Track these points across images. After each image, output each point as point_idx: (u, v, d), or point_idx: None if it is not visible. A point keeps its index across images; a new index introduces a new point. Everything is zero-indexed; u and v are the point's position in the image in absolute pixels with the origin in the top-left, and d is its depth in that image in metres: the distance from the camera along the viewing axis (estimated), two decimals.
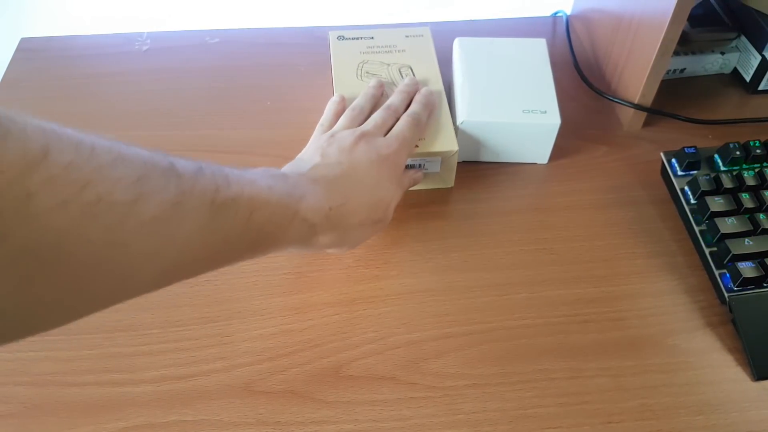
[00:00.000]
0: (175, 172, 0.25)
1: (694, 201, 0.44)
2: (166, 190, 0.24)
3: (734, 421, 0.36)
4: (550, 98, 0.47)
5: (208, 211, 0.26)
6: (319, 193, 0.35)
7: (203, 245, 0.27)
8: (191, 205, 0.25)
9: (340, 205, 0.36)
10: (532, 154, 0.49)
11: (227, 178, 0.28)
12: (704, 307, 0.41)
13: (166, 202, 0.24)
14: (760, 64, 0.53)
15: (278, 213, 0.31)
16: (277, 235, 0.32)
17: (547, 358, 0.39)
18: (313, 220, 0.34)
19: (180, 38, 0.60)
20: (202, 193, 0.26)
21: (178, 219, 0.25)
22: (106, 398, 0.37)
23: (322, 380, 0.38)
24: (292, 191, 0.33)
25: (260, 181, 0.31)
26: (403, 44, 0.52)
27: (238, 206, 0.28)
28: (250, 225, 0.29)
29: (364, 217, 0.38)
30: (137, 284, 0.25)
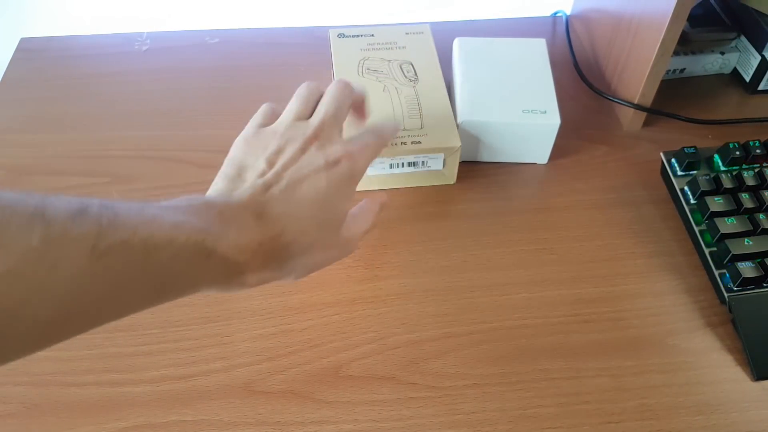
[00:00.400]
0: (42, 218, 0.22)
1: (694, 201, 0.44)
2: (28, 238, 0.21)
3: (734, 421, 0.36)
4: (550, 98, 0.47)
5: (87, 258, 0.23)
6: (248, 222, 0.30)
7: (87, 298, 0.23)
8: (63, 252, 0.22)
9: (275, 236, 0.31)
10: (532, 154, 0.49)
11: (115, 218, 0.24)
12: (704, 307, 0.41)
13: (26, 251, 0.21)
14: (760, 64, 0.53)
15: (185, 254, 0.27)
16: (187, 277, 0.28)
17: (546, 358, 0.39)
18: (238, 258, 0.29)
19: (180, 38, 0.60)
20: (79, 240, 0.23)
21: (46, 269, 0.22)
22: (106, 398, 0.37)
23: (321, 380, 0.38)
24: (208, 227, 0.28)
25: (164, 217, 0.27)
26: (403, 41, 0.52)
27: (128, 249, 0.24)
28: (148, 269, 0.25)
29: (309, 243, 0.33)
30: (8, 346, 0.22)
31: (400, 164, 0.45)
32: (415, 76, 0.49)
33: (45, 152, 0.50)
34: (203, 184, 0.48)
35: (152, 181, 0.48)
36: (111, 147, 0.51)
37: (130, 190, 0.48)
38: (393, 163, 0.45)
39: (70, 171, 0.49)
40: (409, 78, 0.49)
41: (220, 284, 0.30)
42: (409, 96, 0.47)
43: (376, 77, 0.49)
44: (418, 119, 0.46)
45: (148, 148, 0.51)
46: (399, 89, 0.48)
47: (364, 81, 0.48)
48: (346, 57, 0.51)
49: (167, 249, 0.26)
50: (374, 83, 0.48)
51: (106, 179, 0.48)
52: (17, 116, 0.53)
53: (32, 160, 0.50)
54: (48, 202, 0.23)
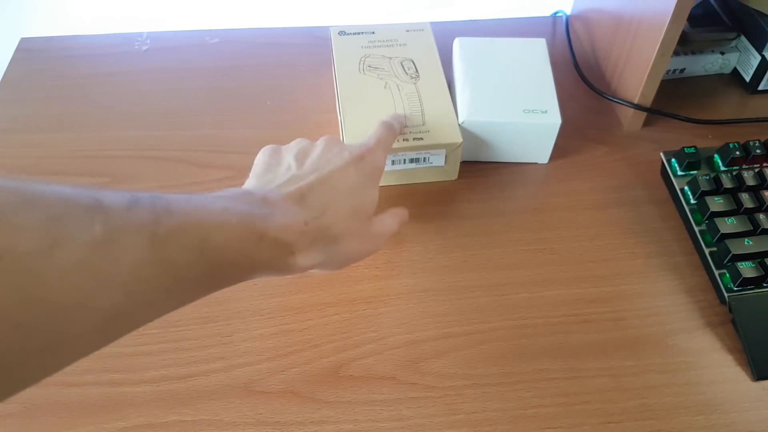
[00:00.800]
0: (100, 209, 0.22)
1: (694, 201, 0.44)
2: (90, 230, 0.21)
3: (734, 421, 0.36)
4: (551, 98, 0.47)
5: (148, 246, 0.23)
6: (290, 207, 0.31)
7: (149, 286, 0.23)
8: (125, 242, 0.22)
9: (317, 217, 0.32)
10: (533, 153, 0.49)
11: (168, 206, 0.25)
12: (704, 307, 0.41)
13: (91, 242, 0.21)
14: (760, 64, 0.53)
15: (238, 236, 0.27)
16: (241, 261, 0.28)
17: (547, 358, 0.39)
18: (287, 239, 0.30)
19: (180, 38, 0.60)
20: (139, 228, 0.23)
21: (111, 260, 0.22)
22: (105, 398, 0.37)
23: (321, 380, 0.38)
24: (255, 210, 0.29)
25: (212, 204, 0.27)
26: (404, 38, 0.52)
27: (185, 235, 0.25)
28: (205, 254, 0.26)
29: (346, 227, 0.34)
30: (74, 343, 0.22)
31: (402, 160, 0.45)
32: (416, 73, 0.49)
33: (45, 152, 0.50)
34: (203, 184, 0.49)
35: (152, 181, 0.48)
36: (111, 147, 0.51)
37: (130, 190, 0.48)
38: (395, 159, 0.45)
39: (70, 171, 0.49)
40: (410, 75, 0.49)
41: (274, 267, 0.31)
42: (410, 93, 0.47)
43: (378, 74, 0.49)
44: (420, 116, 0.46)
45: (148, 148, 0.51)
46: (400, 86, 0.48)
47: (366, 78, 0.48)
48: (347, 54, 0.51)
49: (221, 233, 0.26)
50: (375, 80, 0.48)
51: (106, 179, 0.48)
52: (17, 116, 0.53)
53: (32, 160, 0.50)
54: (101, 194, 0.23)
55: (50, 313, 0.20)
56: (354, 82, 0.48)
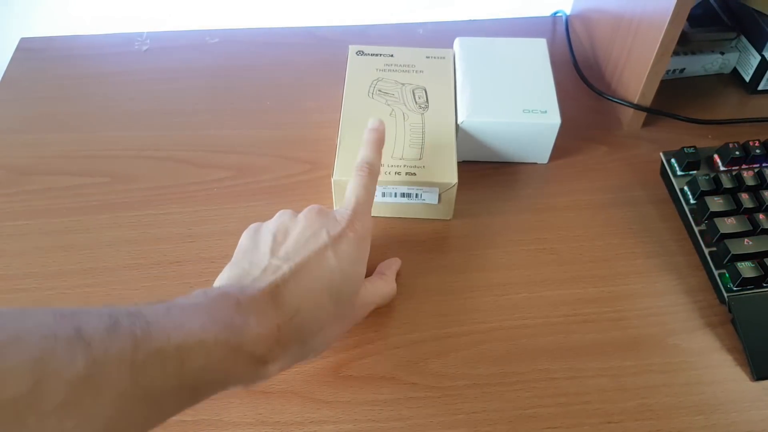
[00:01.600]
0: (82, 341, 0.21)
1: (694, 201, 0.44)
2: (73, 365, 0.20)
3: (734, 421, 0.36)
4: (551, 98, 0.47)
5: (128, 375, 0.22)
6: (263, 310, 0.30)
7: (130, 416, 0.23)
8: (106, 374, 0.22)
9: (292, 317, 0.30)
10: (533, 154, 0.49)
11: (148, 327, 0.24)
12: (704, 307, 0.41)
13: (74, 379, 0.20)
14: (760, 64, 0.53)
15: (216, 355, 0.27)
16: (217, 379, 0.28)
17: (546, 358, 0.39)
18: (261, 351, 0.29)
19: (180, 38, 0.60)
20: (119, 356, 0.22)
21: (93, 395, 0.21)
22: None
23: (321, 380, 0.38)
24: (231, 321, 0.28)
25: (190, 321, 0.26)
26: (422, 65, 0.50)
27: (164, 360, 0.24)
28: (184, 376, 0.25)
29: (323, 320, 0.32)
30: None
31: (393, 194, 0.44)
32: (426, 104, 0.47)
33: (45, 152, 0.50)
34: (203, 184, 0.49)
35: (152, 181, 0.48)
36: (111, 147, 0.51)
37: (130, 190, 0.48)
38: (386, 191, 0.43)
39: (70, 171, 0.49)
40: (420, 104, 0.47)
41: (246, 379, 0.30)
42: (414, 124, 0.46)
43: (386, 100, 0.47)
44: (419, 149, 0.44)
45: (148, 148, 0.51)
46: (406, 115, 0.46)
47: (373, 102, 0.47)
48: (360, 76, 0.49)
49: (199, 354, 0.26)
50: (382, 106, 0.47)
51: (106, 179, 0.48)
52: (17, 116, 0.53)
53: (32, 160, 0.50)
54: (82, 320, 0.22)
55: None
56: (360, 105, 0.47)
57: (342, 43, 0.53)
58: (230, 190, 0.48)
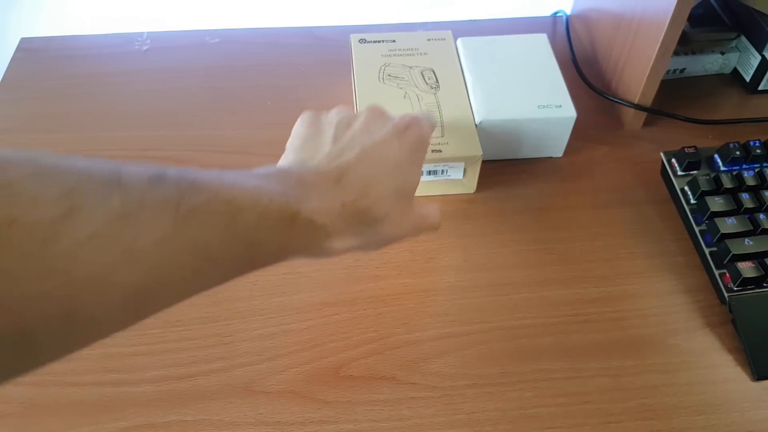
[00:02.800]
0: (120, 184, 0.21)
1: (694, 201, 0.44)
2: (108, 202, 0.20)
3: (734, 421, 0.36)
4: (562, 92, 0.47)
5: (171, 222, 0.22)
6: (327, 188, 0.30)
7: (175, 264, 0.23)
8: (146, 216, 0.21)
9: (356, 198, 0.30)
10: (548, 148, 0.49)
11: (195, 182, 0.24)
12: (704, 307, 0.41)
13: (109, 214, 0.20)
14: (760, 64, 0.53)
15: (271, 216, 0.26)
16: (274, 242, 0.27)
17: (547, 358, 0.39)
18: (322, 221, 0.29)
19: (180, 38, 0.60)
20: (162, 202, 0.22)
21: (132, 234, 0.21)
22: (106, 398, 0.37)
23: (322, 380, 0.38)
24: (289, 190, 0.28)
25: (244, 181, 0.26)
26: (425, 47, 0.51)
27: (212, 213, 0.24)
28: (234, 233, 0.25)
29: (387, 209, 0.32)
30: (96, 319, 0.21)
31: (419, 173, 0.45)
32: (437, 83, 0.48)
33: None
34: None
35: None
36: (111, 147, 0.51)
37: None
38: None
39: None
40: (431, 85, 0.48)
41: (308, 250, 0.29)
42: (430, 103, 0.47)
43: (397, 84, 0.48)
44: (439, 127, 0.45)
45: (148, 148, 0.51)
46: (420, 96, 0.47)
47: (385, 87, 0.48)
48: (367, 63, 0.50)
49: (252, 211, 0.25)
50: (395, 90, 0.48)
51: None
52: (17, 116, 0.53)
53: None
54: (123, 169, 0.22)
55: (69, 284, 0.19)
56: (373, 91, 0.48)
57: (342, 43, 0.53)
58: None
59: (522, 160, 0.50)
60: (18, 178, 0.19)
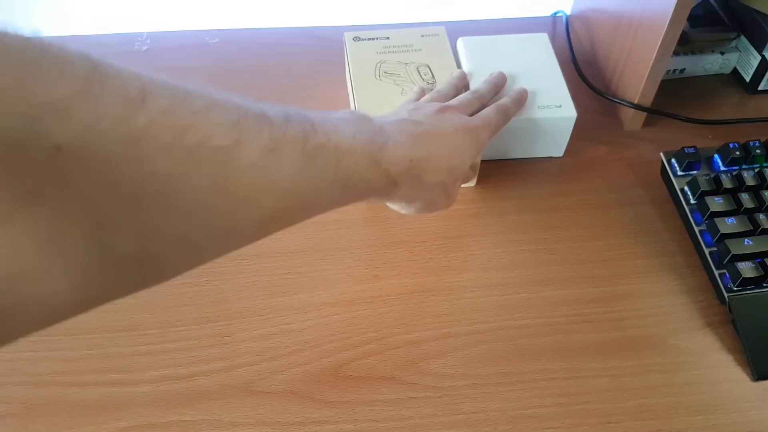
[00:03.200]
0: (267, 119, 0.25)
1: (694, 201, 0.44)
2: (261, 136, 0.24)
3: (734, 421, 0.36)
4: (563, 92, 0.48)
5: (299, 158, 0.26)
6: (401, 142, 0.34)
7: (296, 194, 0.26)
8: (284, 151, 0.25)
9: (421, 158, 0.34)
10: (549, 148, 0.49)
11: (313, 125, 0.28)
12: (704, 307, 0.41)
13: (261, 148, 0.24)
14: (760, 64, 0.53)
15: (363, 162, 0.30)
16: (363, 184, 0.31)
17: (546, 358, 0.39)
18: (395, 170, 0.33)
19: (180, 38, 0.60)
20: (294, 140, 0.26)
21: (275, 166, 0.25)
22: (106, 398, 0.37)
23: (321, 380, 0.38)
24: (375, 137, 0.32)
25: (344, 128, 0.30)
26: (419, 44, 0.52)
27: (326, 154, 0.28)
28: (338, 173, 0.29)
29: (440, 179, 0.36)
30: (241, 234, 0.25)
31: None
32: (433, 79, 0.48)
33: None
34: None
35: None
36: None
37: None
38: None
39: None
40: (427, 81, 0.48)
41: (382, 194, 0.34)
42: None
43: (394, 80, 0.48)
44: None
45: None
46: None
47: (382, 84, 0.48)
48: (363, 60, 0.50)
49: (351, 156, 0.29)
50: (392, 86, 0.48)
51: None
52: None
53: None
54: (263, 104, 0.25)
55: (232, 203, 0.23)
56: (370, 88, 0.48)
57: (342, 43, 0.53)
58: None
59: (522, 160, 0.50)
60: (201, 107, 0.22)
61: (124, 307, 0.41)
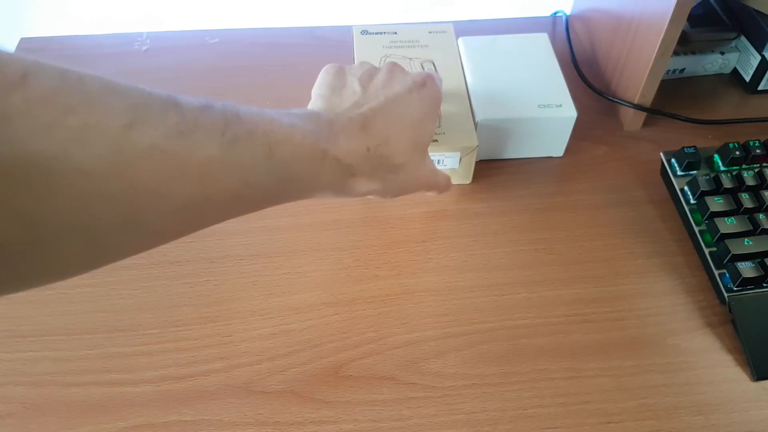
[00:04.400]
0: (175, 103, 0.24)
1: (694, 201, 0.44)
2: (165, 119, 0.23)
3: (734, 421, 0.36)
4: (563, 91, 0.48)
5: (218, 144, 0.25)
6: (354, 132, 0.32)
7: (220, 184, 0.25)
8: (197, 136, 0.24)
9: (379, 144, 0.33)
10: (549, 147, 0.49)
11: (238, 114, 0.26)
12: (704, 307, 0.41)
13: (166, 130, 0.23)
14: (760, 64, 0.53)
15: (303, 151, 0.29)
16: (305, 177, 0.30)
17: (546, 358, 0.39)
18: (349, 161, 0.31)
19: (180, 38, 0.60)
20: (210, 126, 0.25)
21: (184, 150, 0.23)
22: (106, 398, 0.37)
23: (321, 380, 0.38)
24: (320, 130, 0.30)
25: (281, 119, 0.28)
26: (426, 40, 0.52)
27: (253, 141, 0.26)
28: (272, 163, 0.27)
29: (406, 157, 0.35)
30: (152, 225, 0.24)
31: None
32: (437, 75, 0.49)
33: None
34: None
35: None
36: None
37: None
38: None
39: None
40: None
41: (335, 188, 0.32)
42: None
43: None
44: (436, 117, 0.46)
45: None
46: None
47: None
48: (368, 54, 0.51)
49: (287, 145, 0.28)
50: None
51: None
52: None
53: None
54: (177, 95, 0.25)
55: (131, 188, 0.22)
56: None
57: (342, 43, 0.53)
58: None
59: (522, 160, 0.50)
60: (94, 89, 0.21)
61: (124, 307, 0.41)
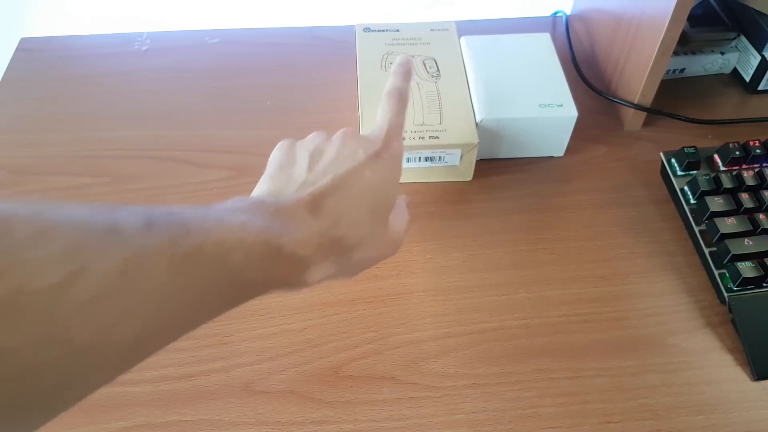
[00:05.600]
0: (117, 235, 0.21)
1: (694, 201, 0.44)
2: (108, 258, 0.20)
3: (734, 421, 0.36)
4: (564, 91, 0.48)
5: (167, 270, 0.22)
6: (304, 218, 0.30)
7: (169, 312, 0.23)
8: (143, 268, 0.21)
9: (331, 227, 0.30)
10: (549, 147, 0.49)
11: (186, 224, 0.23)
12: (704, 307, 0.41)
13: (109, 273, 0.20)
14: (760, 64, 0.53)
15: (256, 254, 0.26)
16: (258, 279, 0.27)
17: (546, 358, 0.39)
18: (302, 253, 0.29)
19: (180, 38, 0.60)
20: (157, 251, 0.22)
21: (131, 289, 0.20)
22: (106, 398, 0.37)
23: (321, 380, 0.38)
24: (270, 224, 0.28)
25: (229, 219, 0.26)
26: (428, 37, 0.52)
27: (204, 256, 0.23)
28: (224, 274, 0.25)
29: (361, 235, 0.32)
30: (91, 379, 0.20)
31: (417, 158, 0.46)
32: (438, 72, 0.49)
33: (45, 152, 0.50)
34: (203, 184, 0.49)
35: (152, 181, 0.48)
36: (111, 147, 0.51)
37: (130, 190, 0.48)
38: (410, 156, 0.46)
39: (70, 171, 0.49)
40: (432, 74, 0.49)
41: (288, 283, 0.30)
42: (430, 92, 0.48)
43: None
44: (438, 114, 0.46)
45: (148, 148, 0.51)
46: (421, 84, 0.48)
47: (387, 75, 0.48)
48: (370, 51, 0.51)
49: (239, 250, 0.25)
50: None
51: (106, 179, 0.48)
52: (17, 116, 0.53)
53: (32, 160, 0.50)
54: (117, 215, 0.21)
55: (68, 351, 0.19)
56: (375, 78, 0.49)
57: (342, 43, 0.53)
58: (230, 190, 0.48)
59: (522, 159, 0.50)
60: (23, 239, 0.18)
61: None
